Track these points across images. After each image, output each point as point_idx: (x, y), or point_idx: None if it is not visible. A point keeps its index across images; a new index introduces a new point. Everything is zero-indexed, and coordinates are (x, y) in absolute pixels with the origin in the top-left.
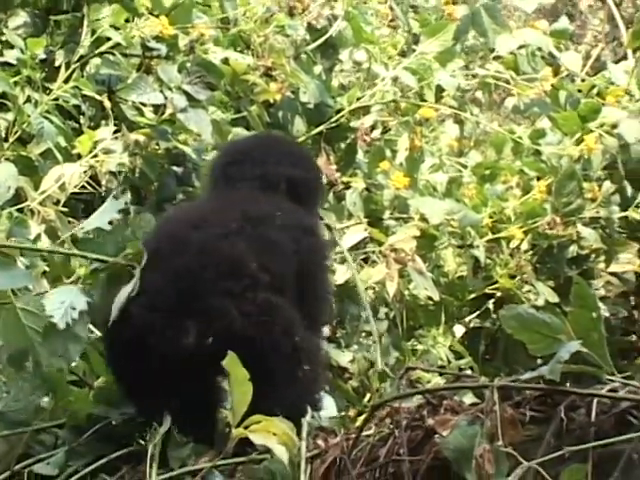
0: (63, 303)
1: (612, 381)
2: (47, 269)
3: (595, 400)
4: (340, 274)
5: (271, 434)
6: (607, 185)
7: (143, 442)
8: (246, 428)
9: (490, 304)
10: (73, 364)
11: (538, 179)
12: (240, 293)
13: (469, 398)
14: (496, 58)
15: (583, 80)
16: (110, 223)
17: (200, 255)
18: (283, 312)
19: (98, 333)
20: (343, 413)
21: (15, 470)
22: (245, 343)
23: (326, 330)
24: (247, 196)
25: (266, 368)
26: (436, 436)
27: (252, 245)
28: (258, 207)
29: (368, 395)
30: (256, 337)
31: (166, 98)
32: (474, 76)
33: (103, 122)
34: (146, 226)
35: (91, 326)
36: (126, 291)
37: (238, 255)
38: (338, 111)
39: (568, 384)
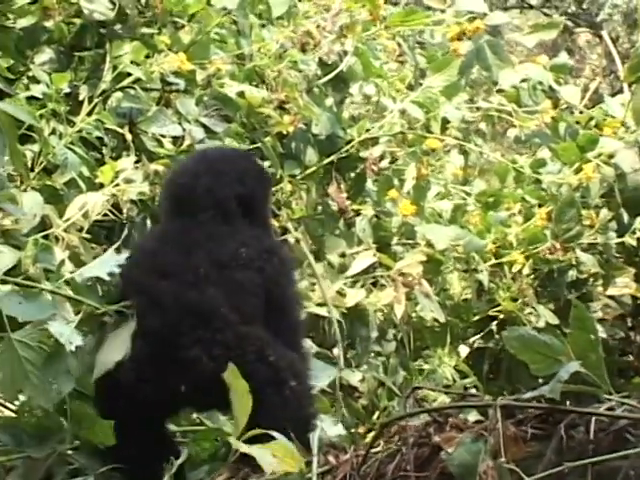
0: (62, 335)
1: (610, 400)
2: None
3: (594, 418)
4: (350, 297)
5: (267, 449)
6: (604, 212)
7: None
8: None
9: (493, 325)
10: None
11: (539, 206)
12: (210, 338)
13: (474, 416)
14: (499, 91)
15: (581, 112)
16: (110, 275)
17: (173, 308)
18: (253, 339)
19: None
20: (353, 430)
21: None
22: (221, 384)
23: (309, 342)
24: (208, 232)
25: (253, 397)
26: (442, 453)
27: (219, 289)
28: (221, 247)
29: (377, 413)
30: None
31: (184, 130)
32: (478, 108)
33: (124, 153)
34: None
35: None
36: (113, 353)
37: (207, 302)
38: (348, 142)
39: (568, 403)
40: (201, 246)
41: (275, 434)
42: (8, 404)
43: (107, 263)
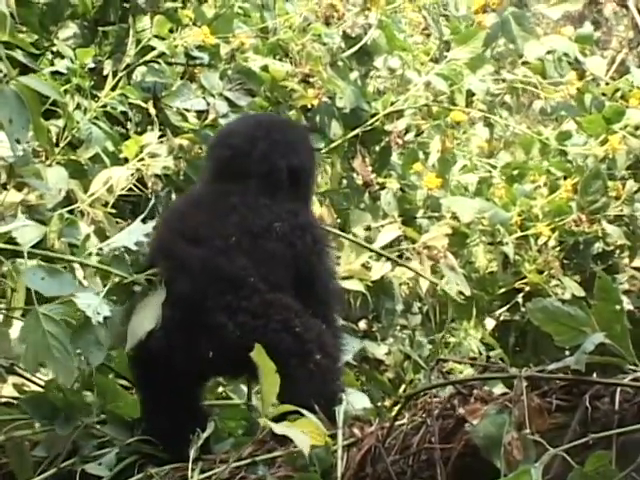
0: (89, 306)
1: (635, 371)
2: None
3: (619, 389)
4: (376, 270)
5: (293, 424)
6: (631, 184)
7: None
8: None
9: (519, 298)
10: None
11: (565, 178)
12: (236, 304)
13: (499, 389)
14: (524, 63)
15: (607, 84)
16: (136, 244)
17: (201, 274)
18: (279, 308)
19: None
20: (379, 403)
21: (62, 467)
22: (246, 351)
23: (341, 318)
24: (246, 200)
25: (278, 370)
26: (466, 425)
27: (249, 258)
28: (256, 218)
29: (403, 386)
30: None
31: (208, 104)
32: (503, 81)
33: (149, 127)
34: None
35: None
36: (144, 323)
37: (236, 269)
38: (373, 115)
39: (594, 374)
40: (236, 213)
41: (300, 409)
42: (35, 379)
43: (134, 233)
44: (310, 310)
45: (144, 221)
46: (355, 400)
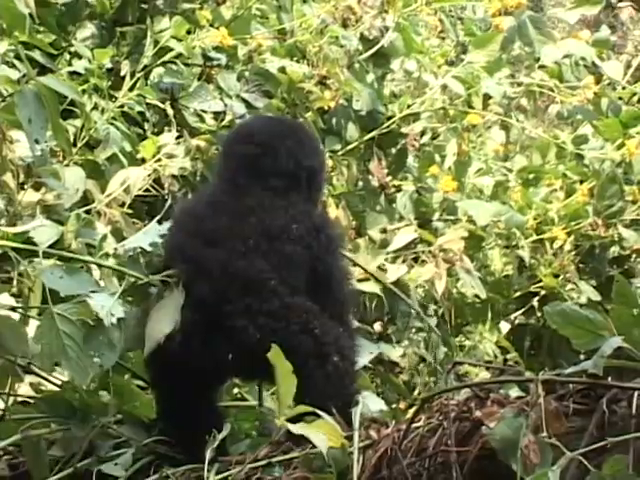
0: (103, 308)
1: None
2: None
3: (636, 393)
4: (391, 272)
5: (310, 425)
6: None
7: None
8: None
9: (535, 302)
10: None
11: (581, 182)
12: (257, 307)
13: (515, 392)
14: (541, 67)
15: (624, 88)
16: (151, 245)
17: (220, 277)
18: (298, 311)
19: None
20: (394, 406)
21: (78, 467)
22: (263, 354)
23: (355, 320)
24: (261, 201)
25: (296, 371)
26: (483, 427)
27: (268, 260)
28: (273, 219)
29: (418, 388)
30: (272, 341)
31: (226, 105)
32: (520, 84)
33: (166, 128)
34: None
35: None
36: (162, 326)
37: (256, 272)
38: (389, 118)
39: (610, 378)
40: (254, 215)
41: (317, 410)
42: (52, 378)
43: (150, 234)
44: (327, 312)
45: (160, 222)
46: (370, 403)
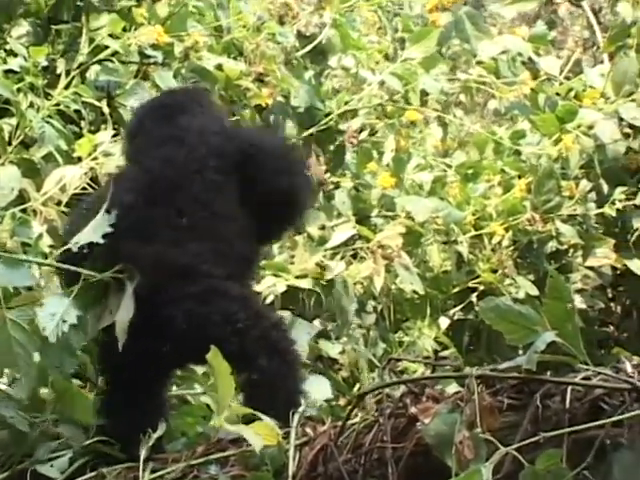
0: (54, 315)
1: (586, 370)
2: None
3: (569, 388)
4: (330, 269)
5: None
6: (584, 183)
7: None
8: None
9: (473, 297)
10: None
11: (519, 178)
12: (182, 294)
13: (453, 387)
14: (478, 63)
15: (561, 83)
16: (104, 237)
17: (154, 269)
18: (223, 300)
19: None
20: (333, 402)
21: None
22: (195, 341)
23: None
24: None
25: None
26: (418, 424)
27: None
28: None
29: (357, 385)
30: (198, 331)
31: None
32: (457, 80)
33: (102, 126)
34: None
35: None
36: (123, 318)
37: (188, 260)
38: (327, 114)
39: (549, 373)
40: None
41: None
42: None
43: (100, 227)
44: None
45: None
46: (316, 385)
